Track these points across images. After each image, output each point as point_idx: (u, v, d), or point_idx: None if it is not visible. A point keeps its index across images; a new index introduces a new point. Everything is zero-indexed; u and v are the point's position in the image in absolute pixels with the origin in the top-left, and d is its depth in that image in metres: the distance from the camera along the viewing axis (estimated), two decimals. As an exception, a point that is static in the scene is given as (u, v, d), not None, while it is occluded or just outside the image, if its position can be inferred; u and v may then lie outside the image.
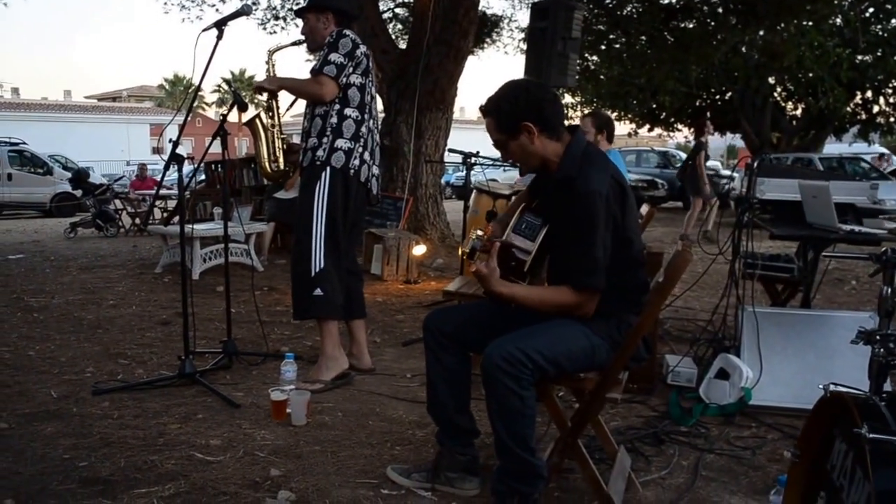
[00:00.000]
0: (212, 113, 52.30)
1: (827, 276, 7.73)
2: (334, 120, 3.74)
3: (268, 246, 8.30)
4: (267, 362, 4.20)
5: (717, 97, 18.79)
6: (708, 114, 17.34)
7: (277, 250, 8.71)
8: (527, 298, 2.31)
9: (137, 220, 12.22)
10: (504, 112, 2.40)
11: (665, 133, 21.51)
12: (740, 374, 3.49)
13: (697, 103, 18.95)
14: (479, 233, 2.19)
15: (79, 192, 13.86)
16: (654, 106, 17.98)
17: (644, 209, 5.35)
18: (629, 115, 18.22)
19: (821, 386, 1.49)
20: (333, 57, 3.68)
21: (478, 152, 5.23)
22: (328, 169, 3.72)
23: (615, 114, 18.40)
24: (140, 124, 39.13)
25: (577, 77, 7.12)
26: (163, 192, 12.49)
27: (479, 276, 2.27)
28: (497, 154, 2.70)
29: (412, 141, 8.20)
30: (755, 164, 3.87)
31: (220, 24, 3.64)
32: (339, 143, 3.72)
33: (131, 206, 12.70)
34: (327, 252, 3.72)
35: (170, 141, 3.72)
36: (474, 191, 5.14)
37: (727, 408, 3.48)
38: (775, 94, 17.59)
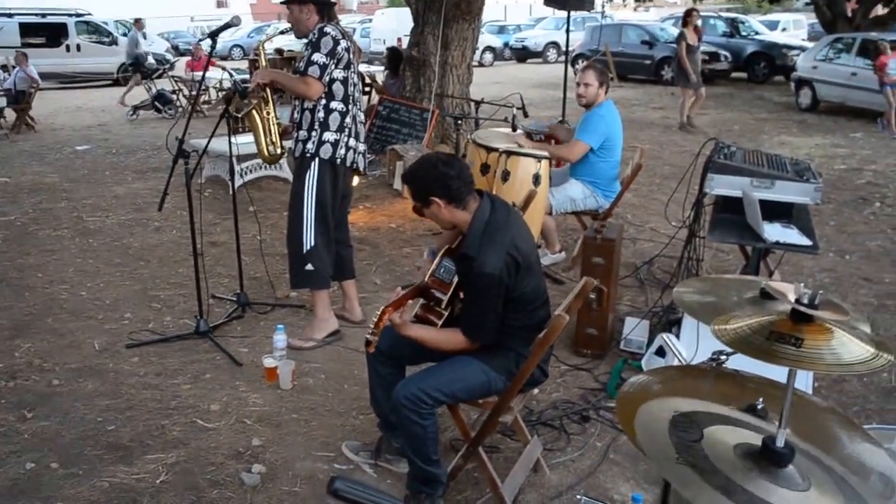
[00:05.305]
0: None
1: (851, 193, 7.90)
2: (321, 114, 4.17)
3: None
4: (275, 311, 4.90)
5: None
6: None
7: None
8: (429, 342, 2.86)
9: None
10: (416, 186, 2.87)
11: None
12: (671, 357, 3.96)
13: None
14: (372, 326, 2.72)
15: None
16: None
17: (637, 156, 5.66)
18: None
19: (578, 496, 2.02)
20: (316, 57, 4.07)
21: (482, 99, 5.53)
22: (317, 160, 4.19)
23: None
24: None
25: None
26: (215, 73, 12.92)
27: (393, 325, 2.81)
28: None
29: (438, 52, 8.45)
30: (709, 160, 4.16)
31: (213, 35, 4.10)
32: (326, 135, 4.18)
33: (187, 87, 13.27)
34: (317, 232, 4.27)
35: (176, 138, 4.24)
36: (470, 143, 5.53)
37: (658, 384, 3.98)
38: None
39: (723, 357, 2.35)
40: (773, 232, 3.86)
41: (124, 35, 20.03)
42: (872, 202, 7.59)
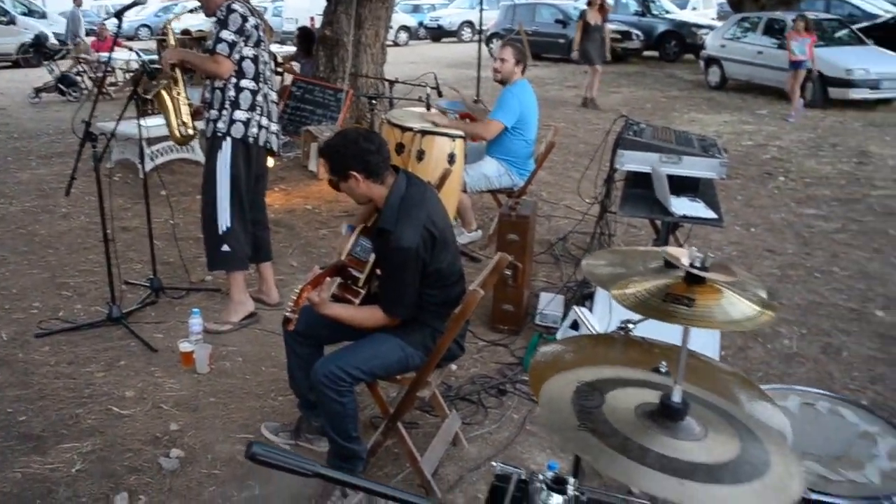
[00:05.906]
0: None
1: (757, 169, 8.24)
2: (232, 93, 4.12)
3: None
4: (190, 296, 4.83)
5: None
6: None
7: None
8: (347, 319, 2.89)
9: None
10: (334, 160, 2.88)
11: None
12: (585, 330, 4.07)
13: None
14: (291, 304, 2.73)
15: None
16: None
17: (550, 134, 5.77)
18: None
19: (493, 463, 2.07)
20: (224, 35, 4.01)
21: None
22: (229, 139, 4.13)
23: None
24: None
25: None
26: (122, 54, 12.50)
27: (311, 303, 2.83)
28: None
29: (352, 31, 8.39)
30: (619, 137, 4.27)
31: (119, 14, 3.99)
32: (238, 114, 4.12)
33: (91, 68, 12.81)
34: (232, 213, 4.21)
35: (83, 121, 4.11)
36: (384, 123, 5.54)
37: (571, 357, 4.09)
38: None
39: (631, 325, 2.45)
40: (681, 206, 4.00)
41: (24, 14, 19.14)
42: (777, 177, 7.94)
